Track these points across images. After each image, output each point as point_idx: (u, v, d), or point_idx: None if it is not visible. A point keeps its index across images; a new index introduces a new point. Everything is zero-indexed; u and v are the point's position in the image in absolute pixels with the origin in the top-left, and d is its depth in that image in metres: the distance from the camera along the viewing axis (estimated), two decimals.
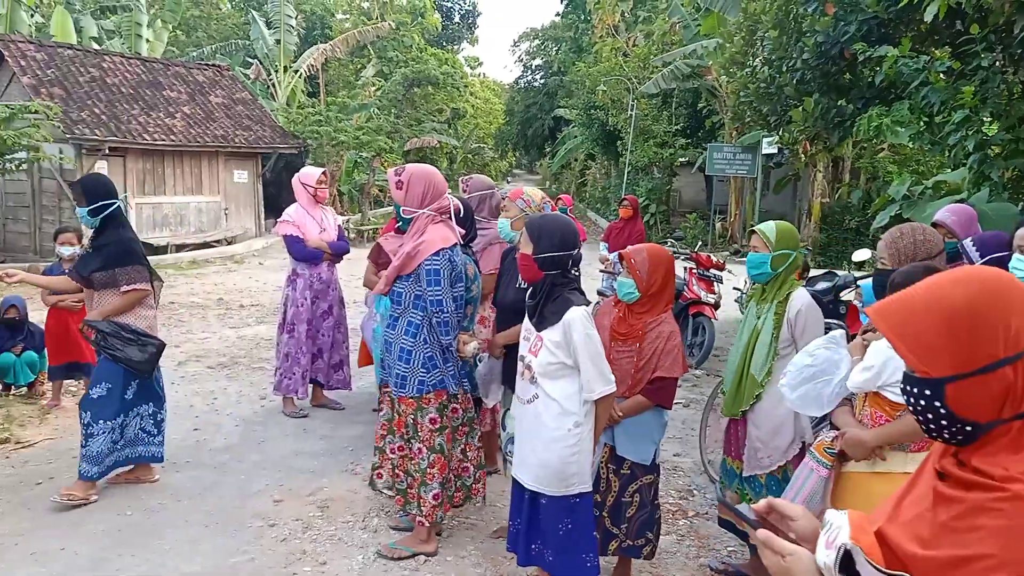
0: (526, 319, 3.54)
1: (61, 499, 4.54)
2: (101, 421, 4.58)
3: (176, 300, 12.02)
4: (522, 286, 3.90)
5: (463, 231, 4.26)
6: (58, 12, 20.75)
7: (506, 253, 4.39)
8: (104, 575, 3.86)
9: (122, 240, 4.61)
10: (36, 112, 14.11)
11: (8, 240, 16.99)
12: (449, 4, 48.13)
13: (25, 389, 6.67)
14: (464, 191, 5.00)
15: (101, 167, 16.12)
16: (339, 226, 6.51)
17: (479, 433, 4.35)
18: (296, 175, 6.45)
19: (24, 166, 14.85)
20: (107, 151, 16.06)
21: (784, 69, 8.08)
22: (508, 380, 4.05)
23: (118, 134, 16.28)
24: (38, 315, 7.03)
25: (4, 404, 6.33)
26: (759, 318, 3.68)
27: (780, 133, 9.47)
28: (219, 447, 5.67)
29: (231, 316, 10.89)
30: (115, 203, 4.67)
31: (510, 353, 3.96)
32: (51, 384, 6.51)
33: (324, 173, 6.51)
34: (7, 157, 14.09)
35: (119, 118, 16.76)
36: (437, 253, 3.95)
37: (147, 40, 23.16)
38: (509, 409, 3.98)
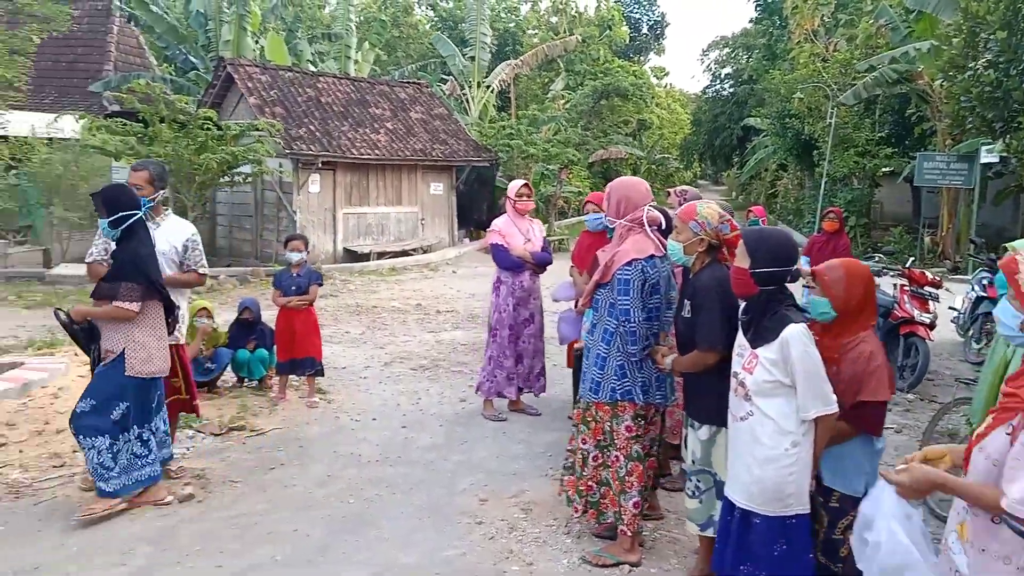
0: (739, 335, 3.49)
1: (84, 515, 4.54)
2: (84, 436, 4.50)
3: (379, 304, 12.77)
4: (686, 315, 3.86)
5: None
6: (271, 37, 22.65)
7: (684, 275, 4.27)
8: (333, 558, 4.19)
9: (131, 256, 4.52)
10: (261, 129, 15.52)
11: (233, 246, 18.73)
12: (637, 15, 48.00)
13: (256, 383, 7.34)
14: (677, 204, 4.99)
15: (314, 180, 17.45)
16: (545, 238, 6.70)
17: (658, 444, 4.34)
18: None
19: (249, 179, 16.40)
20: (320, 165, 17.36)
21: (1012, 72, 7.46)
22: (690, 403, 3.98)
23: (330, 149, 17.55)
24: (269, 315, 7.71)
25: (239, 395, 7.00)
26: (1008, 345, 3.41)
27: (1007, 140, 8.72)
28: (425, 445, 5.98)
29: (429, 321, 11.43)
30: (135, 215, 4.55)
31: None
32: (278, 379, 7.13)
33: (525, 185, 6.72)
34: (235, 171, 15.61)
35: (331, 134, 18.07)
36: (630, 263, 4.00)
37: (355, 61, 24.81)
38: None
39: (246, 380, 7.35)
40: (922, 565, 2.35)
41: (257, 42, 22.71)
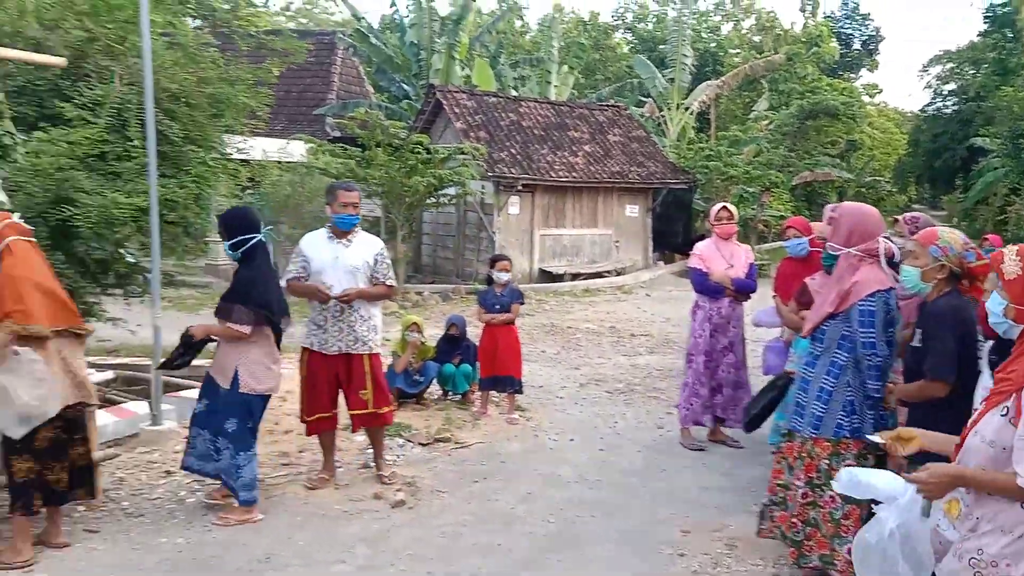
0: (984, 376, 3.20)
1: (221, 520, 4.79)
2: (243, 453, 4.75)
3: (573, 325, 12.88)
4: (915, 343, 3.60)
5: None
6: (479, 63, 23.59)
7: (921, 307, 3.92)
8: (535, 574, 4.25)
9: (248, 280, 4.65)
10: (466, 153, 16.20)
11: (436, 264, 19.62)
12: (848, 31, 45.60)
13: (460, 396, 7.61)
14: (907, 232, 4.65)
15: (514, 202, 17.95)
16: (751, 264, 6.48)
17: None
18: None
19: (453, 200, 17.16)
20: (520, 187, 17.83)
21: None
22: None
23: (530, 172, 18.00)
24: (474, 331, 7.98)
25: (444, 408, 7.30)
26: None
27: None
28: (624, 470, 5.94)
29: (623, 344, 11.37)
30: (255, 238, 4.68)
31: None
32: (480, 394, 7.36)
33: (724, 208, 6.54)
34: (441, 192, 16.39)
35: (531, 157, 18.53)
36: (873, 295, 3.79)
37: (555, 85, 25.33)
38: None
39: (450, 393, 7.65)
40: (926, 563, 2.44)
41: (464, 69, 23.76)
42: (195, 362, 5.03)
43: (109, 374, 6.98)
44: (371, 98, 23.33)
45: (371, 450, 5.65)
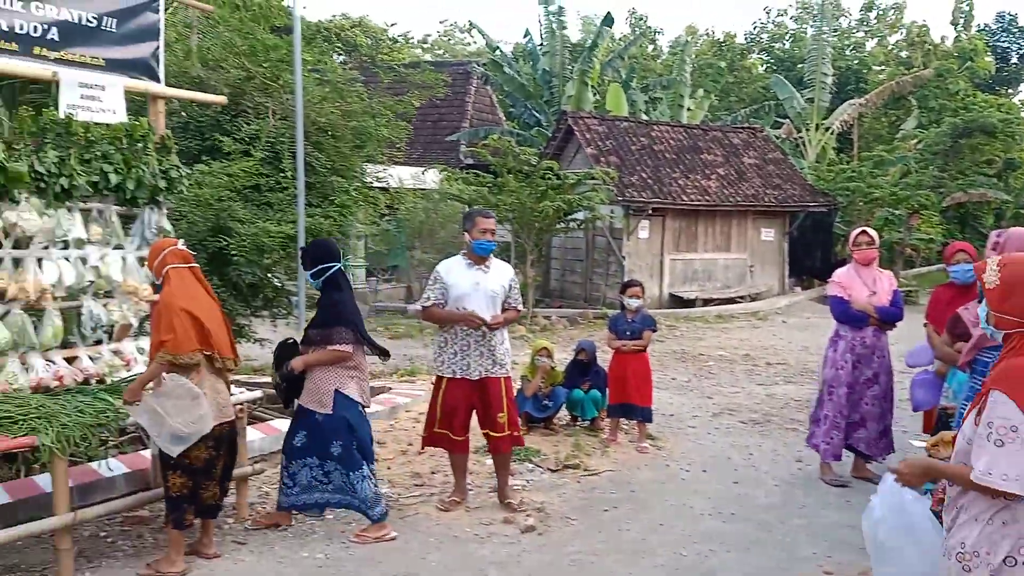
0: None
1: (358, 538, 4.89)
2: (354, 471, 4.83)
3: (705, 352, 12.59)
4: None
5: None
6: (612, 88, 23.63)
7: None
8: None
9: (336, 303, 4.82)
10: (596, 178, 16.23)
11: (564, 288, 19.68)
12: (1005, 44, 42.71)
13: (588, 423, 7.58)
14: (995, 249, 4.26)
15: (644, 226, 17.80)
16: (896, 291, 6.15)
17: None
18: None
19: (582, 225, 17.20)
20: (650, 211, 17.67)
21: None
22: None
23: (660, 196, 17.82)
24: (603, 356, 7.94)
25: (573, 434, 7.28)
26: None
27: None
28: (761, 504, 5.73)
29: (758, 372, 11.01)
30: (335, 266, 4.87)
31: None
32: (609, 421, 7.30)
33: (863, 232, 6.23)
34: (570, 217, 16.48)
35: (662, 181, 18.34)
36: None
37: (688, 109, 25.02)
38: None
39: (579, 419, 7.63)
40: (925, 538, 2.80)
41: (595, 95, 23.87)
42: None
43: (257, 392, 7.37)
44: (503, 126, 23.81)
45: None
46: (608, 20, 24.11)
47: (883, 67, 35.33)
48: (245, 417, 5.14)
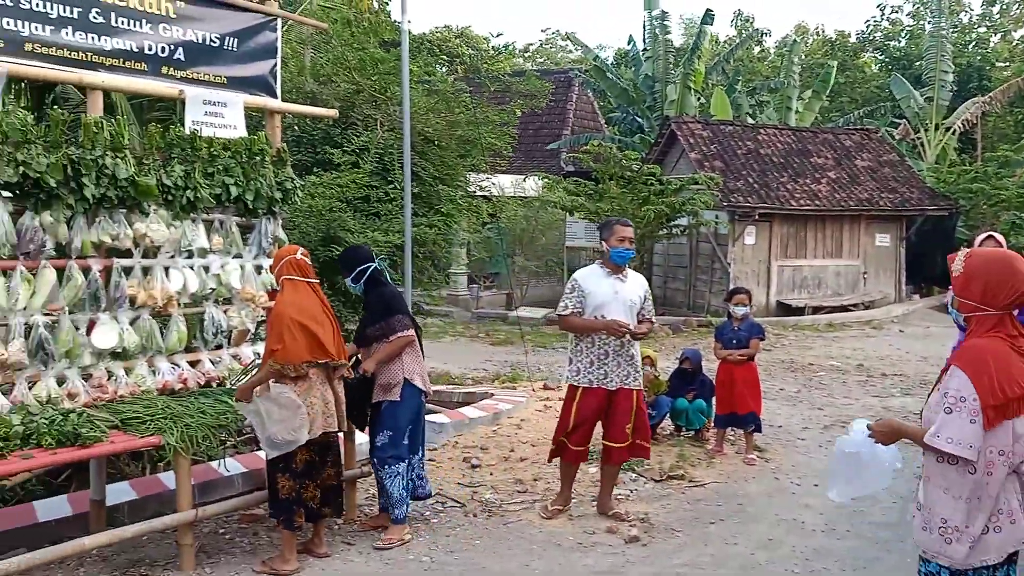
0: None
1: (384, 544, 4.90)
2: (388, 466, 4.93)
3: (815, 362, 12.15)
4: None
5: None
6: (717, 92, 23.16)
7: None
8: None
9: (384, 296, 5.00)
10: (700, 183, 15.94)
11: (667, 295, 19.39)
12: None
13: (693, 433, 7.44)
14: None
15: (750, 232, 17.35)
16: None
17: None
18: None
19: (686, 231, 16.92)
20: (756, 217, 17.21)
21: None
22: None
23: (767, 200, 17.33)
24: (709, 365, 7.78)
25: (677, 444, 7.16)
26: None
27: None
28: (877, 521, 5.48)
29: (872, 384, 10.55)
30: (371, 266, 5.03)
31: None
32: (715, 431, 7.14)
33: (989, 237, 5.85)
34: (672, 223, 16.24)
35: (769, 186, 17.84)
36: None
37: (796, 111, 24.28)
38: None
39: (683, 429, 7.49)
40: (884, 458, 3.12)
41: (699, 99, 23.46)
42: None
43: None
44: (605, 132, 23.71)
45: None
46: (708, 18, 23.67)
47: (1008, 63, 33.32)
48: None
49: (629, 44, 26.22)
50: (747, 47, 30.12)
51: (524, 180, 17.66)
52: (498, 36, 35.68)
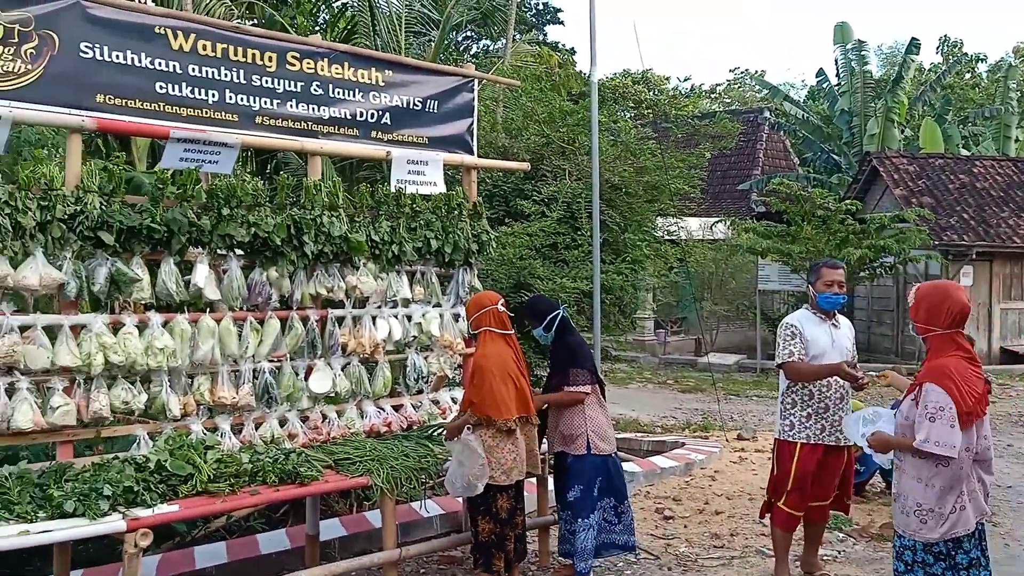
0: None
1: None
2: (581, 519, 4.80)
3: None
4: None
5: None
6: (927, 124, 21.64)
7: None
8: None
9: (569, 346, 5.02)
10: (906, 220, 14.91)
11: (872, 341, 18.17)
12: None
13: None
14: None
15: (967, 272, 15.99)
16: None
17: None
18: None
19: (891, 271, 15.83)
20: (974, 256, 15.85)
21: None
22: None
23: (986, 238, 15.94)
24: None
25: (889, 502, 6.61)
26: None
27: None
28: None
29: None
30: (559, 313, 5.04)
31: None
32: None
33: None
34: (876, 264, 15.23)
35: (988, 222, 16.42)
36: None
37: (1016, 140, 22.24)
38: None
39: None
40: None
41: (902, 132, 22.08)
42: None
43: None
44: (797, 171, 22.83)
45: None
46: (913, 47, 22.29)
47: None
48: (547, 467, 5.33)
49: (818, 77, 25.15)
50: (957, 73, 27.99)
51: (712, 226, 17.32)
52: (686, 81, 35.47)
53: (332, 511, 6.05)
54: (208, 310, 4.53)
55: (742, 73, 36.73)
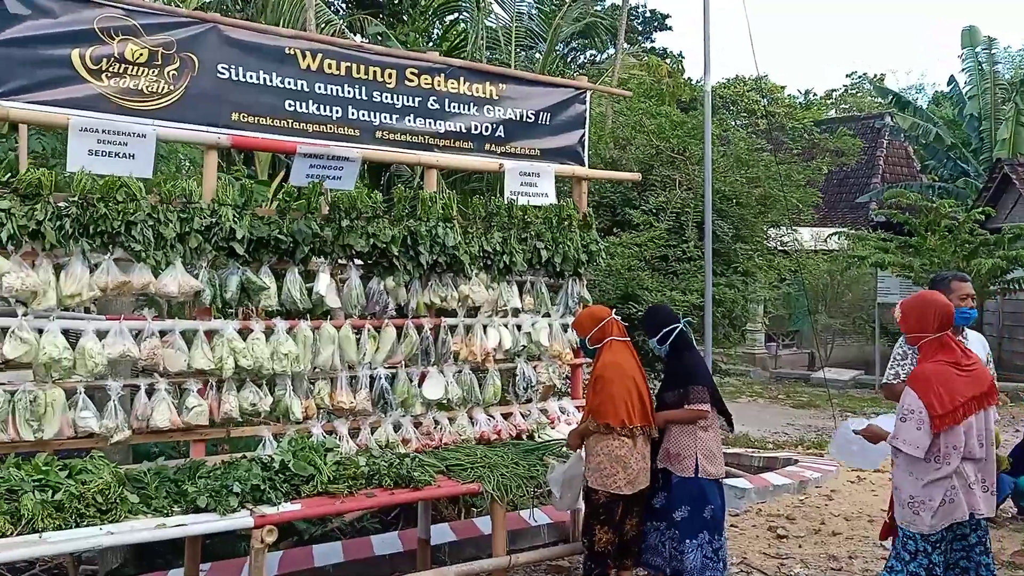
0: None
1: None
2: (691, 539, 4.65)
3: None
4: None
5: None
6: None
7: None
8: None
9: (688, 362, 4.86)
10: None
11: (1004, 358, 17.08)
12: None
13: None
14: None
15: None
16: None
17: None
18: None
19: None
20: None
21: None
22: None
23: None
24: None
25: (1021, 529, 6.25)
26: None
27: None
28: None
29: None
30: (677, 327, 4.86)
31: None
32: None
33: None
34: (1010, 278, 14.33)
35: None
36: None
37: None
38: None
39: None
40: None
41: None
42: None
43: None
44: (920, 179, 21.77)
45: None
46: None
47: None
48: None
49: (949, 85, 23.88)
50: None
51: (827, 239, 16.69)
52: (806, 94, 34.41)
53: (441, 516, 6.17)
54: (327, 318, 4.73)
55: (860, 77, 35.38)
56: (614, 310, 4.91)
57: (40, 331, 3.86)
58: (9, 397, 3.79)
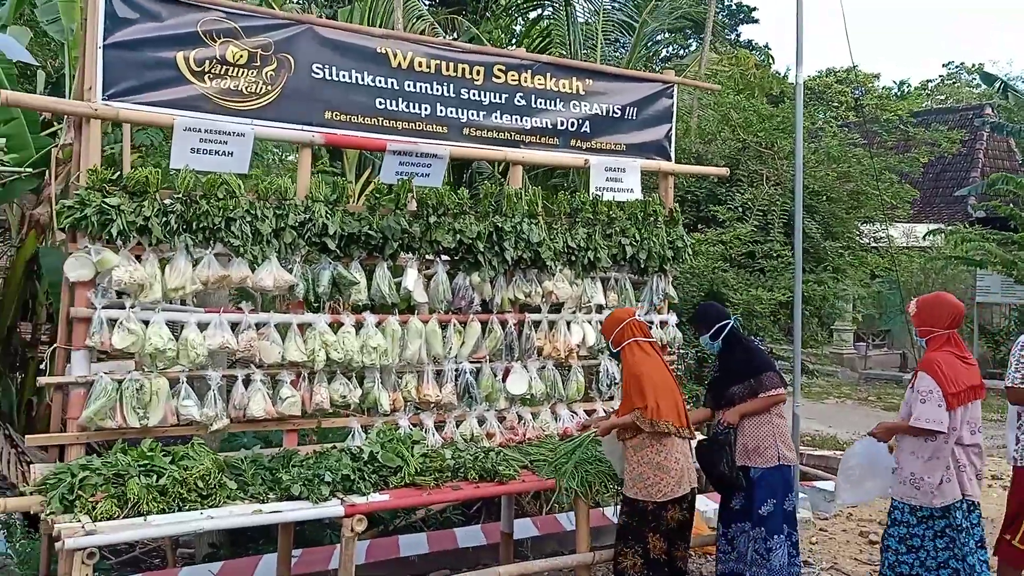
0: None
1: None
2: (777, 535, 4.61)
3: None
4: None
5: None
6: None
7: None
8: None
9: (749, 352, 4.87)
10: None
11: None
12: None
13: None
14: None
15: None
16: None
17: None
18: None
19: None
20: None
21: None
22: None
23: None
24: None
25: None
26: None
27: None
28: None
29: None
30: (729, 323, 4.85)
31: None
32: None
33: None
34: None
35: None
36: None
37: None
38: None
39: None
40: (881, 463, 4.42)
41: None
42: None
43: None
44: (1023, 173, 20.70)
45: None
46: None
47: None
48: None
49: None
50: None
51: (923, 237, 16.02)
52: (903, 85, 33.18)
53: (523, 511, 6.20)
54: (414, 312, 4.80)
55: (957, 67, 33.88)
56: (636, 311, 4.88)
57: (146, 323, 4.03)
58: (117, 385, 3.98)
